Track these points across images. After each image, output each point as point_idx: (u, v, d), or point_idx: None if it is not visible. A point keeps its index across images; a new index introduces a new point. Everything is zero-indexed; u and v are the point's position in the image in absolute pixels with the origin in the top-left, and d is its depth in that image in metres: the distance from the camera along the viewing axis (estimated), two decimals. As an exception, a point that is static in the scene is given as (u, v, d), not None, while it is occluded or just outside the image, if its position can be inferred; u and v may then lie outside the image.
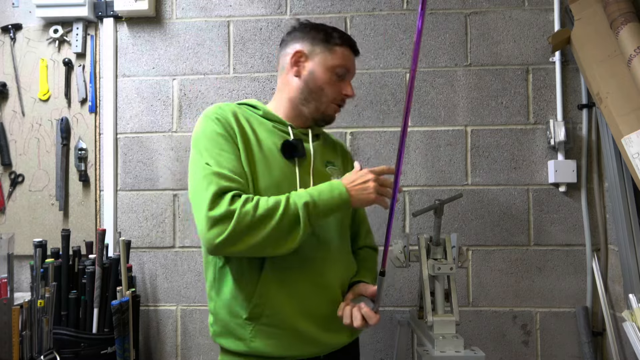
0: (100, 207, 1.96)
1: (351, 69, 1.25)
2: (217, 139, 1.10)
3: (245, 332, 1.10)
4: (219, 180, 1.04)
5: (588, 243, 1.82)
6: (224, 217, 1.00)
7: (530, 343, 1.85)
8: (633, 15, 1.59)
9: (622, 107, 1.58)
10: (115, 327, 1.64)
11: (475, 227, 1.88)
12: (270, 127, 1.21)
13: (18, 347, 1.45)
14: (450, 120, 1.91)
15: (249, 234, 1.01)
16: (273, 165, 1.14)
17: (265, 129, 1.19)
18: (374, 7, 1.95)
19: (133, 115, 1.98)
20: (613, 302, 1.78)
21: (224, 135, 1.11)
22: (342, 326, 1.12)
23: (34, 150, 1.97)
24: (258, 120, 1.21)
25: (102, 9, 1.98)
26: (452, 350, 1.25)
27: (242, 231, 1.00)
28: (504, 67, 1.90)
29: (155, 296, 1.94)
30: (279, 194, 1.07)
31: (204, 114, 1.16)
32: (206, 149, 1.09)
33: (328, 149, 1.32)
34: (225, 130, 1.11)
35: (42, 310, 1.53)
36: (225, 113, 1.15)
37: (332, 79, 1.22)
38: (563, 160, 1.84)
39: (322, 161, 1.25)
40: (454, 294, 1.34)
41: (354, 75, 1.28)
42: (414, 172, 1.90)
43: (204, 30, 1.98)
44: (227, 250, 1.02)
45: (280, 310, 1.09)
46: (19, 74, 1.98)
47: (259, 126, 1.19)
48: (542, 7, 1.90)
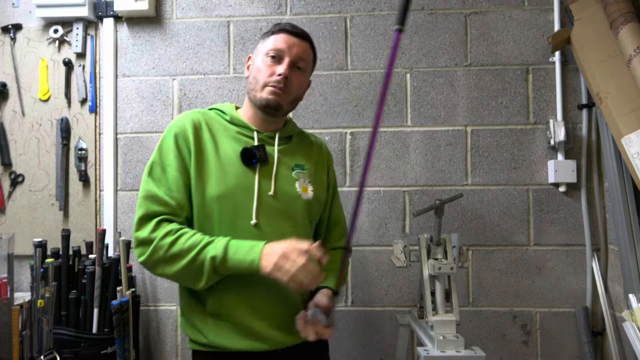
0: (100, 207, 1.96)
1: (287, 49, 1.21)
2: (167, 154, 1.18)
3: (204, 326, 1.18)
4: (149, 203, 1.14)
5: (588, 243, 1.83)
6: (144, 242, 1.12)
7: (530, 343, 1.85)
8: (633, 15, 1.59)
9: (622, 107, 1.58)
10: (115, 327, 1.64)
11: (475, 227, 1.88)
12: (234, 133, 1.23)
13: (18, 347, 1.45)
14: (450, 120, 1.91)
15: (162, 266, 1.11)
16: (229, 172, 1.17)
17: (228, 135, 1.23)
18: (374, 7, 1.95)
19: (133, 115, 1.98)
20: (613, 302, 1.78)
21: (174, 151, 1.18)
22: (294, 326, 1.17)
23: (34, 150, 1.97)
24: (223, 127, 1.24)
25: (102, 9, 1.98)
26: (452, 350, 1.25)
27: (156, 261, 1.11)
28: (504, 67, 1.91)
29: (155, 296, 1.94)
30: (233, 202, 1.16)
31: (168, 125, 1.23)
32: (155, 162, 1.19)
33: (300, 152, 1.30)
34: (177, 145, 1.18)
35: (42, 310, 1.53)
36: (185, 125, 1.20)
37: (266, 62, 1.21)
38: (563, 160, 1.84)
39: (288, 165, 1.25)
40: (454, 294, 1.34)
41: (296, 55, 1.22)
42: (414, 172, 1.90)
43: (204, 30, 1.98)
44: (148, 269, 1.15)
45: (235, 310, 1.16)
46: (19, 74, 1.98)
47: (223, 132, 1.23)
48: (542, 7, 1.90)
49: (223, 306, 1.16)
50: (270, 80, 1.20)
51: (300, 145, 1.32)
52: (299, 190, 1.23)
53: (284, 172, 1.23)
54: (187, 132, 1.19)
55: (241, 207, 1.17)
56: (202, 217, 1.17)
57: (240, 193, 1.17)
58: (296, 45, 1.22)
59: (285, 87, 1.20)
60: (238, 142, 1.22)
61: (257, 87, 1.22)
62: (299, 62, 1.22)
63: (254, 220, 1.16)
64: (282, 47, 1.21)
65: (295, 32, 1.24)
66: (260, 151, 1.20)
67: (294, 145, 1.31)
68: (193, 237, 1.11)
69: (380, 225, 1.89)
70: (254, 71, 1.24)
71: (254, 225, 1.16)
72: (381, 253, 1.89)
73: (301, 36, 1.24)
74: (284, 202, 1.20)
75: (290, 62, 1.21)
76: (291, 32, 1.23)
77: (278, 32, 1.23)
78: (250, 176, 1.18)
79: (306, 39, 1.25)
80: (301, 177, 1.25)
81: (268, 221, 1.18)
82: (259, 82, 1.21)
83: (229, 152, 1.20)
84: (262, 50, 1.24)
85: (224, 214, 1.16)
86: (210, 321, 1.17)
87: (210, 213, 1.16)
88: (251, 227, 1.16)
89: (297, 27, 1.25)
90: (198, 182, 1.17)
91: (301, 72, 1.24)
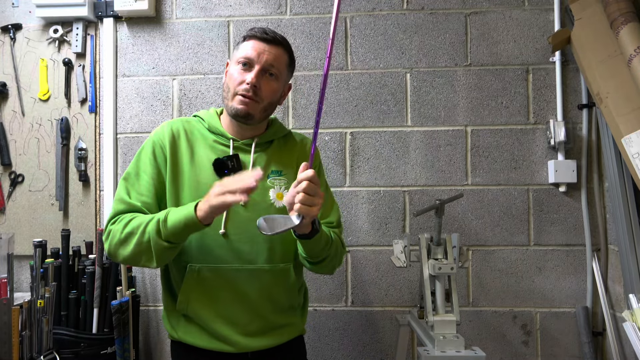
0: (100, 207, 1.96)
1: (256, 57, 1.19)
2: (144, 161, 1.23)
3: (175, 322, 1.24)
4: (117, 205, 1.19)
5: (588, 243, 1.82)
6: (106, 234, 1.18)
7: (530, 343, 1.85)
8: (633, 15, 1.59)
9: (622, 107, 1.58)
10: (115, 327, 1.64)
11: (476, 227, 1.88)
12: (211, 141, 1.25)
13: (18, 347, 1.45)
14: (450, 120, 1.91)
15: (120, 249, 1.14)
16: (202, 182, 1.19)
17: (205, 144, 1.25)
18: (374, 7, 1.95)
19: (133, 115, 1.98)
20: (613, 302, 1.78)
21: (150, 159, 1.22)
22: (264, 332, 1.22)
23: (34, 150, 1.97)
24: (202, 135, 1.26)
25: (102, 9, 1.97)
26: (452, 350, 1.25)
27: (115, 246, 1.15)
28: (504, 67, 1.90)
29: (155, 296, 1.94)
30: None
31: (151, 134, 1.27)
32: (132, 167, 1.23)
33: (279, 156, 1.29)
34: (153, 154, 1.22)
35: (42, 310, 1.53)
36: (163, 135, 1.24)
37: (237, 70, 1.20)
38: (563, 160, 1.84)
39: (264, 173, 1.21)
40: (454, 294, 1.34)
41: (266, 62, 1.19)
42: (414, 172, 1.90)
43: (204, 30, 1.98)
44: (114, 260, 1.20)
45: (200, 312, 1.20)
46: (19, 74, 1.98)
47: (201, 141, 1.25)
48: (542, 7, 1.90)
49: (191, 309, 1.20)
50: (240, 89, 1.19)
51: (281, 149, 1.31)
52: (272, 198, 1.23)
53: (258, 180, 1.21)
54: (164, 141, 1.23)
55: None
56: None
57: None
58: (266, 51, 1.19)
59: (255, 96, 1.19)
60: (214, 151, 1.23)
61: (229, 95, 1.21)
62: (270, 69, 1.20)
63: (222, 230, 1.18)
64: (252, 54, 1.19)
65: (265, 38, 1.20)
66: (234, 161, 1.20)
67: (274, 150, 1.29)
68: (143, 216, 1.14)
69: (380, 225, 1.89)
70: (227, 79, 1.23)
71: (222, 235, 1.19)
72: (381, 253, 1.89)
73: (272, 42, 1.21)
74: (254, 211, 1.19)
75: (259, 70, 1.19)
76: (261, 39, 1.20)
77: (249, 39, 1.21)
78: None
79: (278, 44, 1.22)
80: (277, 184, 1.24)
81: (237, 231, 1.19)
82: (230, 90, 1.21)
83: (204, 162, 1.22)
84: (234, 57, 1.23)
85: None
86: (182, 320, 1.23)
87: None
88: (220, 236, 1.19)
89: (270, 32, 1.22)
90: (172, 190, 1.20)
91: (273, 79, 1.22)
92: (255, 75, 1.18)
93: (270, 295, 1.23)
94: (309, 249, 1.19)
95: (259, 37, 1.20)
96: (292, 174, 1.27)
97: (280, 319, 1.26)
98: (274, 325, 1.25)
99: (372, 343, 1.89)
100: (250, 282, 1.20)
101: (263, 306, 1.22)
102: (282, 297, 1.26)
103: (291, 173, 1.27)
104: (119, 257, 1.15)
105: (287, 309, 1.28)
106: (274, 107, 1.27)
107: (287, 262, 1.26)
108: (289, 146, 1.33)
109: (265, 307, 1.22)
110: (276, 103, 1.27)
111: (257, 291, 1.21)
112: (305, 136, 1.39)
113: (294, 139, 1.36)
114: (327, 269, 1.28)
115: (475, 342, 1.85)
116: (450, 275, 1.36)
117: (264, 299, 1.22)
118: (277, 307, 1.25)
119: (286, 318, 1.28)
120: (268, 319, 1.23)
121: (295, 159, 1.30)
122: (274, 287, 1.23)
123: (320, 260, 1.23)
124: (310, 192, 1.03)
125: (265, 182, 1.24)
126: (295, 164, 1.28)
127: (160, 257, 1.11)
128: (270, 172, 1.25)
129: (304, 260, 1.25)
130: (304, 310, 1.37)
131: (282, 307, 1.26)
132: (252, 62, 1.19)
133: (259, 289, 1.21)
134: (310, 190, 1.03)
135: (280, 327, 1.26)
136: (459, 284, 1.86)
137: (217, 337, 1.20)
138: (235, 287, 1.20)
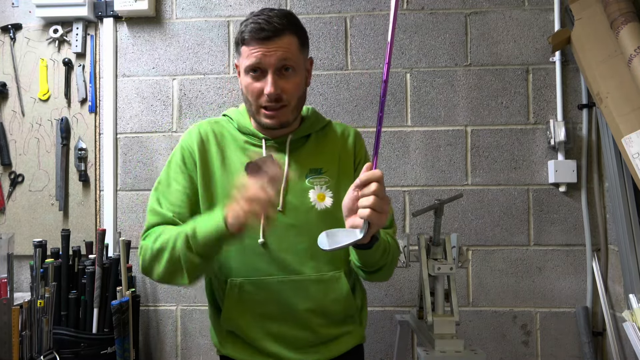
0: (100, 207, 1.96)
1: (264, 61, 1.05)
2: (174, 168, 1.15)
3: (222, 338, 1.18)
4: (151, 217, 1.12)
5: (588, 243, 1.82)
6: (139, 251, 1.10)
7: (530, 343, 1.85)
8: (633, 15, 1.59)
9: (622, 107, 1.58)
10: (115, 327, 1.64)
11: (475, 227, 1.88)
12: (242, 143, 1.16)
13: (18, 347, 1.45)
14: (450, 120, 1.91)
15: (154, 266, 1.06)
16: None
17: (236, 146, 1.16)
18: (374, 7, 1.94)
19: (133, 115, 1.98)
20: (613, 302, 1.78)
21: (180, 166, 1.15)
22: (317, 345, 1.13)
23: (34, 150, 1.97)
24: (232, 136, 1.17)
25: (102, 9, 1.97)
26: (452, 350, 1.25)
27: (149, 263, 1.07)
28: (504, 67, 1.90)
29: (155, 296, 1.94)
30: None
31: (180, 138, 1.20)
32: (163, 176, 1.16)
33: (318, 152, 1.18)
34: (183, 161, 1.15)
35: (42, 310, 1.53)
36: (191, 140, 1.16)
37: (250, 81, 1.08)
38: (563, 160, 1.84)
39: (301, 172, 1.14)
40: (454, 294, 1.34)
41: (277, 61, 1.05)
42: (414, 172, 1.90)
43: (204, 30, 1.98)
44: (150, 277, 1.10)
45: (245, 330, 1.13)
46: (19, 74, 1.98)
47: (231, 143, 1.16)
48: (542, 7, 1.90)
49: (236, 326, 1.13)
50: (262, 101, 1.08)
51: (320, 143, 1.19)
52: (313, 200, 1.12)
53: (295, 182, 1.13)
54: (192, 146, 1.15)
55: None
56: None
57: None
58: (272, 50, 1.05)
59: (280, 102, 1.08)
60: (245, 153, 1.14)
61: (252, 109, 1.11)
62: (284, 65, 1.07)
63: (261, 239, 1.09)
64: (257, 62, 1.05)
65: (265, 36, 1.04)
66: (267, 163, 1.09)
67: (311, 145, 1.18)
68: (172, 229, 1.06)
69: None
70: (243, 89, 1.12)
71: (262, 245, 1.09)
72: (381, 253, 1.89)
73: (274, 36, 1.05)
74: (294, 217, 1.11)
75: (273, 72, 1.06)
76: (260, 39, 1.05)
77: (248, 43, 1.06)
78: None
79: (280, 33, 1.05)
80: (317, 184, 1.14)
81: (277, 239, 1.10)
82: (252, 104, 1.11)
83: (235, 165, 1.13)
84: (242, 66, 1.10)
85: None
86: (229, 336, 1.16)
87: None
88: (259, 246, 1.10)
89: (266, 24, 1.04)
90: (205, 197, 1.13)
91: (291, 72, 1.09)
92: (271, 84, 1.05)
93: (321, 307, 1.12)
94: (365, 260, 1.08)
95: (257, 39, 1.05)
96: (334, 171, 1.16)
97: (334, 331, 1.16)
98: (327, 337, 1.15)
99: (371, 343, 1.89)
100: (296, 294, 1.10)
101: (313, 319, 1.12)
102: (335, 308, 1.14)
103: (333, 170, 1.16)
104: (154, 275, 1.07)
105: (341, 320, 1.17)
106: (304, 97, 1.16)
107: (336, 269, 1.14)
108: (329, 139, 1.20)
109: (315, 320, 1.12)
110: (305, 91, 1.16)
111: (305, 303, 1.11)
112: (347, 126, 1.26)
113: (334, 131, 1.22)
114: (383, 277, 1.17)
115: (475, 342, 1.85)
116: (449, 275, 1.36)
117: (313, 312, 1.12)
118: (330, 319, 1.14)
119: (341, 328, 1.17)
120: (320, 333, 1.13)
121: (337, 154, 1.18)
122: (324, 298, 1.12)
123: (376, 270, 1.12)
124: (381, 195, 0.90)
125: (304, 183, 1.13)
126: (337, 159, 1.17)
127: (192, 273, 1.02)
128: (308, 171, 1.14)
129: (358, 269, 1.14)
130: (362, 314, 1.24)
131: (336, 318, 1.16)
132: (262, 67, 1.06)
133: (306, 300, 1.11)
134: (381, 193, 0.90)
135: (334, 338, 1.16)
136: (459, 284, 1.86)
137: (266, 353, 1.12)
138: (280, 300, 1.10)
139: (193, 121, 1.95)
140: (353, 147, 1.21)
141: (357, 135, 1.24)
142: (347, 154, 1.20)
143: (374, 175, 0.90)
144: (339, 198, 1.12)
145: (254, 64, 1.06)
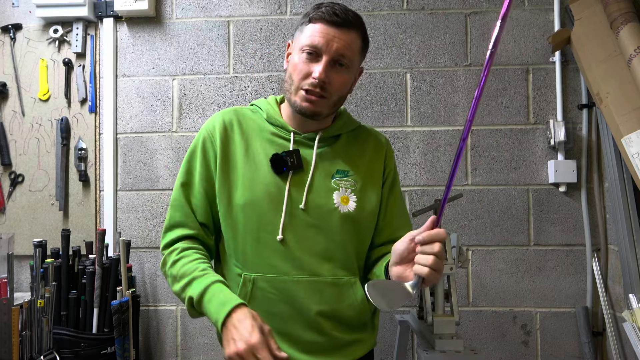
0: (100, 207, 1.96)
1: (324, 45, 1.03)
2: (194, 158, 1.13)
3: None
4: (173, 212, 1.12)
5: (588, 243, 1.82)
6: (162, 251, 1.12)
7: (530, 343, 1.85)
8: (633, 15, 1.59)
9: (622, 107, 1.58)
10: (115, 327, 1.64)
11: (475, 227, 1.88)
12: (269, 134, 1.12)
13: (18, 347, 1.45)
14: (450, 120, 1.91)
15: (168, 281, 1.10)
16: (257, 180, 1.08)
17: (262, 137, 1.12)
18: (374, 7, 1.94)
19: (133, 115, 1.98)
20: (613, 302, 1.78)
21: (200, 156, 1.12)
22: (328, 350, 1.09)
23: (34, 150, 1.97)
24: (259, 127, 1.13)
25: (102, 9, 1.97)
26: (452, 350, 1.25)
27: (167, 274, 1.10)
28: (504, 67, 1.90)
29: (155, 296, 1.94)
30: (258, 213, 1.07)
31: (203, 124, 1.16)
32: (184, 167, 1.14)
33: (347, 154, 1.14)
34: (203, 150, 1.12)
35: (42, 310, 1.53)
36: (214, 126, 1.13)
37: (302, 59, 1.05)
38: (563, 160, 1.84)
39: (328, 172, 1.10)
40: (453, 294, 1.34)
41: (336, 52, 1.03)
42: (414, 172, 1.90)
43: (204, 30, 1.98)
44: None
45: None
46: (19, 74, 1.98)
47: (258, 134, 1.12)
48: (542, 7, 1.90)
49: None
50: (305, 83, 1.04)
51: (350, 145, 1.15)
52: (337, 202, 1.09)
53: (321, 180, 1.10)
54: (214, 134, 1.12)
55: (267, 219, 1.07)
56: (228, 226, 1.10)
57: (267, 204, 1.06)
58: (337, 38, 1.02)
59: (323, 91, 1.04)
60: (272, 145, 1.10)
61: (292, 88, 1.07)
62: (340, 59, 1.04)
63: (279, 236, 1.06)
64: (319, 42, 1.02)
65: (336, 21, 1.03)
66: (293, 157, 1.08)
67: (341, 146, 1.14)
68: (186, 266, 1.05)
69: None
70: (290, 67, 1.08)
71: (280, 242, 1.06)
72: (381, 253, 1.89)
73: (343, 25, 1.03)
74: (316, 216, 1.07)
75: (328, 61, 1.03)
76: (330, 22, 1.02)
77: (316, 20, 1.04)
78: (281, 185, 1.07)
79: (350, 27, 1.04)
80: (343, 186, 1.10)
81: (296, 237, 1.07)
82: (293, 82, 1.06)
83: (260, 157, 1.09)
84: (298, 42, 1.06)
85: (249, 226, 1.07)
86: None
87: (235, 223, 1.08)
88: (277, 243, 1.06)
89: (340, 12, 1.03)
90: (223, 189, 1.09)
91: (344, 69, 1.06)
92: (323, 69, 1.02)
93: (335, 311, 1.09)
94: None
95: (327, 21, 1.02)
96: (361, 175, 1.12)
97: (347, 336, 1.11)
98: (339, 343, 1.11)
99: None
100: (311, 295, 1.07)
101: (326, 323, 1.08)
102: (349, 314, 1.10)
103: (360, 174, 1.12)
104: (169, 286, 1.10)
105: (355, 326, 1.13)
106: (343, 99, 1.12)
107: (352, 275, 1.11)
108: (360, 142, 1.17)
109: (328, 324, 1.08)
110: (346, 95, 1.13)
111: (319, 306, 1.07)
112: (379, 132, 1.23)
113: (366, 134, 1.19)
114: None
115: (475, 342, 1.85)
116: (449, 275, 1.36)
117: (327, 315, 1.08)
118: (343, 325, 1.11)
119: (354, 335, 1.13)
120: (332, 337, 1.09)
121: (367, 159, 1.15)
122: (338, 302, 1.09)
123: None
124: (441, 256, 0.89)
125: (329, 183, 1.09)
126: (366, 164, 1.14)
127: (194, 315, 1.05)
128: (335, 172, 1.11)
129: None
130: (374, 321, 1.21)
131: (350, 325, 1.12)
132: (320, 51, 1.03)
133: (321, 303, 1.07)
134: (442, 255, 0.89)
135: (347, 344, 1.12)
136: (459, 284, 1.86)
137: None
138: (294, 300, 1.06)
139: (193, 121, 1.95)
140: (384, 157, 1.19)
141: (389, 145, 1.22)
142: (377, 162, 1.17)
143: (439, 235, 0.91)
144: (362, 204, 1.11)
145: (314, 43, 1.03)
